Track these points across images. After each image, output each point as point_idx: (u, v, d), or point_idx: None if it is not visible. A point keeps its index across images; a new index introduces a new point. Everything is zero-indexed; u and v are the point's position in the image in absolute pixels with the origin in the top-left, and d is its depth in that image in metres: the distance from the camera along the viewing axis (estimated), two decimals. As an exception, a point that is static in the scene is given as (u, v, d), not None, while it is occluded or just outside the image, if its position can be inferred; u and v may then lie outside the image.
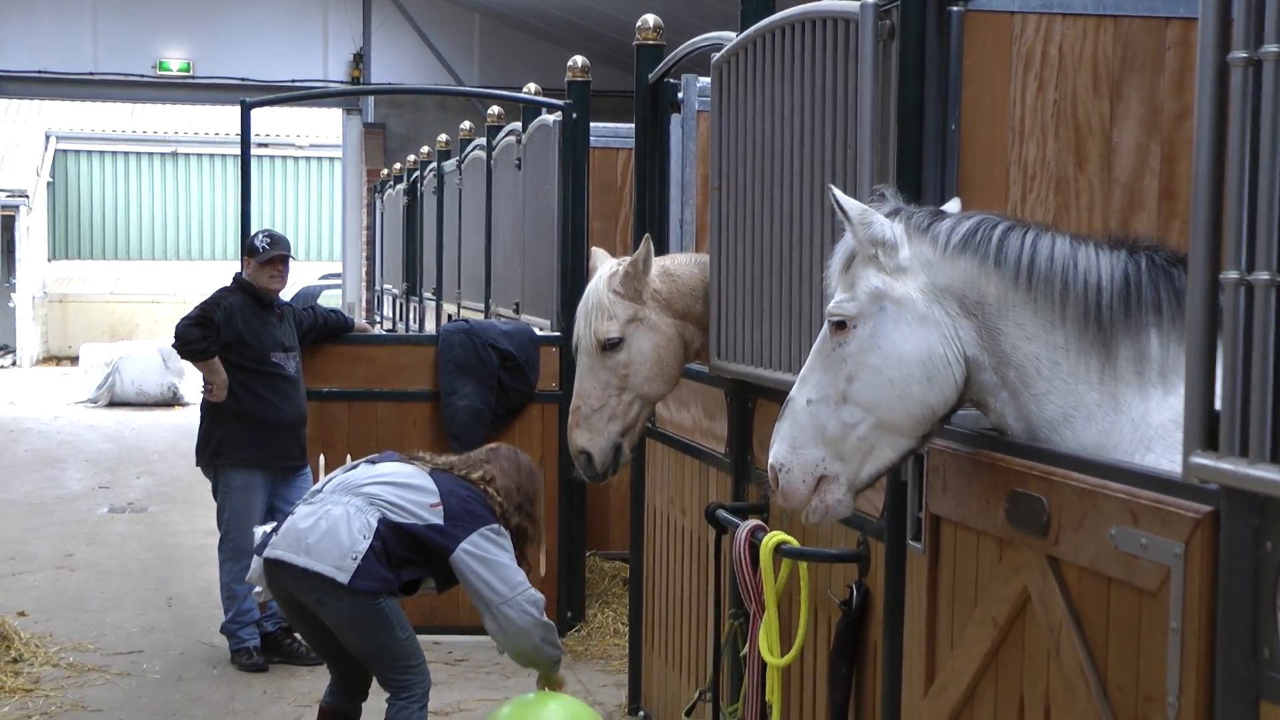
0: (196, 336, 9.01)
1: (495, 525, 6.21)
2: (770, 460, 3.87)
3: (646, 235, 6.28)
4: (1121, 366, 3.68)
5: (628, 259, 6.23)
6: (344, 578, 5.98)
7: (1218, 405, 2.81)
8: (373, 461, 6.48)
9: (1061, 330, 3.70)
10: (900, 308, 3.75)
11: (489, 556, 6.13)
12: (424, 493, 6.19)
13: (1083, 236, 3.83)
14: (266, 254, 9.16)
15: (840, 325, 3.79)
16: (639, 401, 6.15)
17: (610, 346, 6.08)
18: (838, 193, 3.87)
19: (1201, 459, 2.83)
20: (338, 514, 6.08)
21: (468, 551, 6.11)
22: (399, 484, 6.21)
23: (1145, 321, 3.67)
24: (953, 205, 4.04)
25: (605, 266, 6.28)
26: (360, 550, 5.99)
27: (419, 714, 6.16)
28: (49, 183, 39.84)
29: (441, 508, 6.15)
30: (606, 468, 6.19)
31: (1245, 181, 2.70)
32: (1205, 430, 2.84)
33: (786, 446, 3.83)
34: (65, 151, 41.13)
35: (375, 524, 6.06)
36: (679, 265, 6.38)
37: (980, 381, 3.79)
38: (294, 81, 26.21)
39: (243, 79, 26.40)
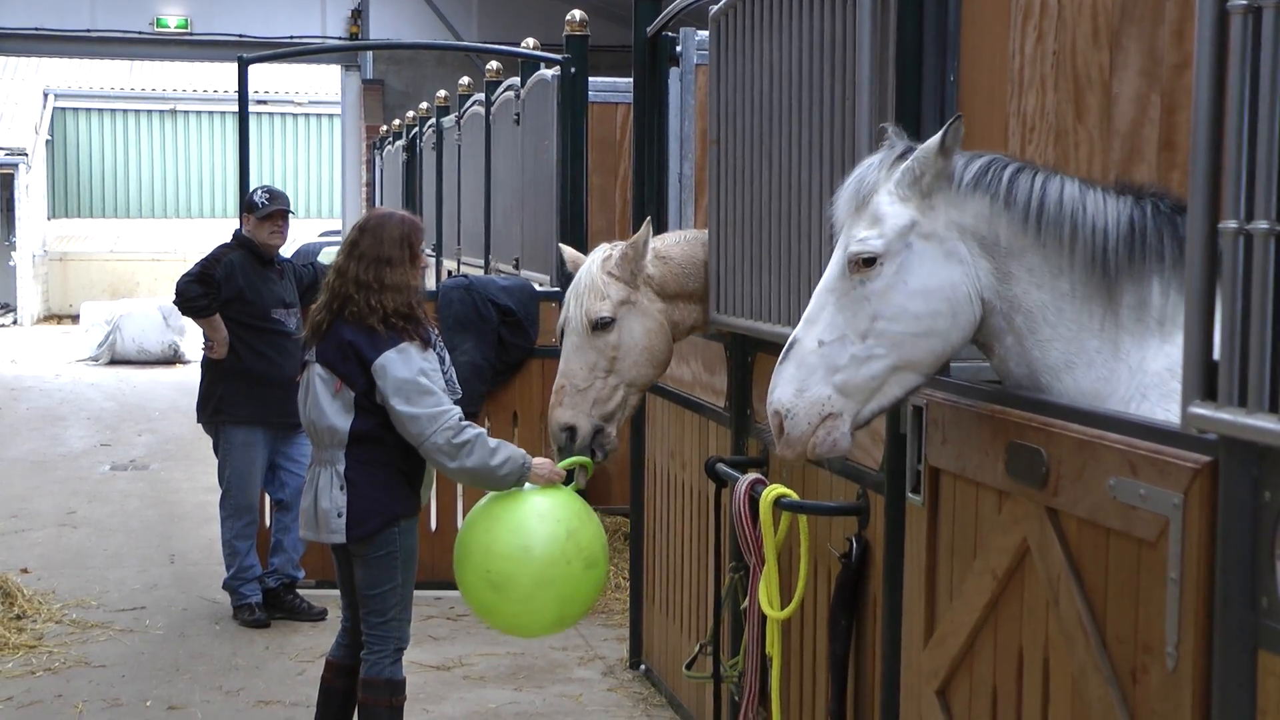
0: (198, 293, 9.01)
1: (383, 355, 6.06)
2: (774, 405, 3.77)
3: (649, 218, 6.24)
4: (1123, 314, 3.68)
5: (621, 244, 6.18)
6: (341, 537, 6.15)
7: (1216, 355, 2.81)
8: (297, 391, 6.40)
9: (1068, 276, 3.70)
10: (928, 243, 3.72)
11: (397, 408, 6.02)
12: (330, 392, 6.13)
13: (1088, 181, 3.81)
14: (266, 209, 9.14)
15: (865, 262, 3.72)
16: (624, 387, 6.03)
17: (601, 326, 5.98)
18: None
19: (1200, 409, 2.83)
20: (318, 482, 6.21)
21: (388, 402, 6.06)
22: (320, 402, 6.16)
23: (1149, 269, 3.66)
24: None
25: (599, 250, 6.21)
26: (341, 505, 6.12)
27: (390, 668, 6.23)
28: (48, 141, 39.78)
29: (342, 384, 6.13)
30: (586, 448, 6.08)
31: (1244, 130, 2.69)
32: (1204, 380, 2.84)
33: (792, 390, 3.74)
34: (64, 109, 41.05)
35: (343, 469, 6.13)
36: (670, 246, 6.31)
37: (989, 324, 3.79)
38: (292, 38, 26.14)
39: (240, 35, 26.31)
